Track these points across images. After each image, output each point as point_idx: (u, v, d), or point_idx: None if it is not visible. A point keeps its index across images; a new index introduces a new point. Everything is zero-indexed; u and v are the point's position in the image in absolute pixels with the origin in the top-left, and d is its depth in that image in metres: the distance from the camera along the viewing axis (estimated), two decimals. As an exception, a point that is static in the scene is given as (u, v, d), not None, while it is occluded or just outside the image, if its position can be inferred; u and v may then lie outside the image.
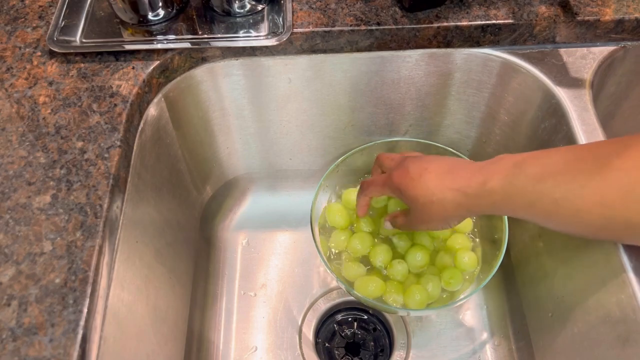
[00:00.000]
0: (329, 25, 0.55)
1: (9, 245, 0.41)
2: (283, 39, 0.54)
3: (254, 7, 0.56)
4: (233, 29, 0.55)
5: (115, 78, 0.51)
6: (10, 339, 0.37)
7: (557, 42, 0.58)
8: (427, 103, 0.64)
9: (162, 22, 0.55)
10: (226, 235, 0.74)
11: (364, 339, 0.67)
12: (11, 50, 0.53)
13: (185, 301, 0.64)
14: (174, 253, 0.61)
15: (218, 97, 0.61)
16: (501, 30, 0.56)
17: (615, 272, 0.45)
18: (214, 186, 0.74)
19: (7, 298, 0.38)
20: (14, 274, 0.39)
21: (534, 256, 0.63)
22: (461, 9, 0.56)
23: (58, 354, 0.36)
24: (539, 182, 0.41)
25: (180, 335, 0.61)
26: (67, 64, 0.52)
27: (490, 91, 0.62)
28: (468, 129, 0.67)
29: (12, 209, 0.43)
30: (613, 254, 0.45)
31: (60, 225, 0.42)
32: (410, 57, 0.58)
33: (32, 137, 0.47)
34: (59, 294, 0.38)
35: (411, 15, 0.56)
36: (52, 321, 0.37)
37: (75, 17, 0.55)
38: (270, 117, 0.65)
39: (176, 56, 0.54)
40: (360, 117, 0.66)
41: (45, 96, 0.50)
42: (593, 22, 0.56)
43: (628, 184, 0.37)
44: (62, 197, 0.43)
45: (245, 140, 0.69)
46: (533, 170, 0.42)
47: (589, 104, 0.54)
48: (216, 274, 0.71)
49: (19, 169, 0.45)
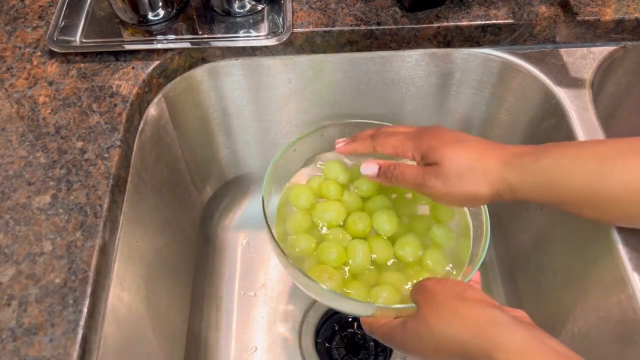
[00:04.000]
0: (329, 25, 0.55)
1: (9, 245, 0.41)
2: (283, 39, 0.54)
3: (254, 7, 0.56)
4: (233, 29, 0.55)
5: (115, 78, 0.51)
6: (10, 339, 0.37)
7: (557, 42, 0.58)
8: (428, 103, 0.64)
9: (162, 22, 0.55)
10: (226, 235, 0.74)
11: (364, 339, 0.67)
12: (11, 50, 0.53)
13: (185, 301, 0.64)
14: (174, 253, 0.61)
15: (218, 97, 0.61)
16: (501, 30, 0.56)
17: (615, 272, 0.45)
18: (214, 186, 0.74)
19: (7, 298, 0.38)
20: (14, 274, 0.39)
21: (534, 256, 0.63)
22: (461, 9, 0.56)
23: (58, 354, 0.36)
24: (607, 161, 0.36)
25: (180, 335, 0.61)
26: (67, 64, 0.52)
27: (490, 91, 0.62)
28: (468, 129, 0.67)
29: (12, 209, 0.42)
30: (614, 254, 0.45)
31: (60, 225, 0.42)
32: (411, 57, 0.58)
33: (32, 137, 0.47)
34: (59, 294, 0.38)
35: (411, 15, 0.55)
36: (52, 321, 0.37)
37: (75, 17, 0.55)
38: (270, 117, 0.65)
39: (176, 56, 0.54)
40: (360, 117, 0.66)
41: (45, 96, 0.50)
42: (593, 22, 0.56)
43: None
44: (62, 197, 0.43)
45: (245, 140, 0.69)
46: (599, 149, 0.37)
47: (589, 103, 0.54)
48: (216, 274, 0.71)
49: (19, 169, 0.45)
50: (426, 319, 0.37)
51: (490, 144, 0.42)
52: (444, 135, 0.43)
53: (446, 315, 0.36)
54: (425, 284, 0.40)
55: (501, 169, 0.40)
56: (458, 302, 0.37)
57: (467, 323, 0.35)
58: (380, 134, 0.47)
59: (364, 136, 0.49)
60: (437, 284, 0.39)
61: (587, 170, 0.37)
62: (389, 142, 0.46)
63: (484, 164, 0.40)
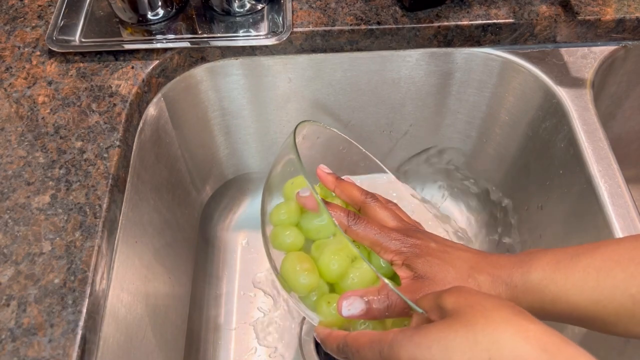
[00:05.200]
0: (329, 25, 0.55)
1: (8, 245, 0.41)
2: (283, 39, 0.54)
3: (253, 7, 0.56)
4: (233, 29, 0.55)
5: (114, 78, 0.51)
6: (9, 339, 0.36)
7: (557, 42, 0.57)
8: (428, 103, 0.64)
9: (162, 22, 0.55)
10: (226, 236, 0.74)
11: (364, 339, 0.67)
12: (10, 49, 0.53)
13: (185, 301, 0.64)
14: (174, 253, 0.61)
15: (218, 97, 0.61)
16: (502, 29, 0.56)
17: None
18: (213, 186, 0.74)
19: (6, 298, 0.38)
20: (13, 274, 0.39)
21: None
22: (462, 9, 0.56)
23: (57, 355, 0.36)
24: (607, 274, 0.33)
25: (180, 335, 0.61)
26: (66, 64, 0.52)
27: (490, 91, 0.62)
28: (469, 129, 0.67)
29: (11, 209, 0.42)
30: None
31: (59, 225, 0.42)
32: (411, 57, 0.58)
33: (31, 137, 0.47)
34: (58, 294, 0.38)
35: (411, 14, 0.55)
36: (51, 322, 0.37)
37: (75, 16, 0.55)
38: (270, 117, 0.65)
39: (176, 56, 0.54)
40: (360, 116, 0.66)
41: (45, 96, 0.50)
42: (594, 22, 0.56)
43: None
44: (61, 197, 0.43)
45: (245, 140, 0.69)
46: (594, 260, 0.34)
47: (590, 103, 0.54)
48: (216, 274, 0.71)
49: (18, 168, 0.45)
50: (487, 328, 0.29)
51: (479, 257, 0.38)
52: (428, 246, 0.39)
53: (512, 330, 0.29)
54: (468, 289, 0.33)
55: (493, 284, 0.37)
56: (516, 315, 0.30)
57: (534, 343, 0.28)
58: (360, 222, 0.41)
59: (349, 195, 0.44)
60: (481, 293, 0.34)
61: (587, 286, 0.34)
62: (367, 235, 0.40)
63: (477, 279, 0.37)
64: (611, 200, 0.48)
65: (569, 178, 0.54)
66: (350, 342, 0.36)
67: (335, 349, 0.38)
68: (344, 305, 0.38)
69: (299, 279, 0.40)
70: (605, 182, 0.49)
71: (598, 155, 0.50)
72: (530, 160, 0.62)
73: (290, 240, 0.43)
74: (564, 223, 0.56)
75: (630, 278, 0.33)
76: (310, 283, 0.40)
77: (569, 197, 0.54)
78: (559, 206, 0.57)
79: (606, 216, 0.47)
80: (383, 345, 0.32)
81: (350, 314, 0.37)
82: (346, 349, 0.36)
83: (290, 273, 0.41)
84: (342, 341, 0.36)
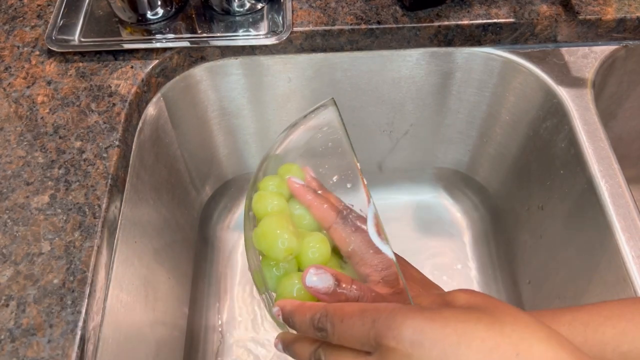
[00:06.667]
0: (329, 24, 0.55)
1: (7, 245, 0.40)
2: (283, 38, 0.54)
3: (253, 6, 0.56)
4: (232, 28, 0.55)
5: (113, 77, 0.51)
6: (8, 339, 0.36)
7: (558, 41, 0.57)
8: (428, 102, 0.64)
9: (161, 21, 0.55)
10: (225, 236, 0.74)
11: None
12: (9, 49, 0.53)
13: (185, 301, 0.64)
14: (173, 253, 0.61)
15: (217, 97, 0.61)
16: (502, 29, 0.56)
17: (617, 273, 0.45)
18: (213, 186, 0.74)
19: (6, 299, 0.38)
20: (12, 274, 0.39)
21: (535, 257, 0.62)
22: (462, 8, 0.56)
23: (56, 355, 0.36)
24: (594, 329, 0.31)
25: (180, 336, 0.61)
26: (65, 63, 0.52)
27: (491, 90, 0.61)
28: (469, 129, 0.67)
29: (11, 209, 0.42)
30: (615, 254, 0.45)
31: (58, 225, 0.41)
32: (411, 56, 0.58)
33: (30, 137, 0.46)
34: (58, 294, 0.38)
35: (412, 14, 0.55)
36: (50, 322, 0.37)
37: (74, 16, 0.55)
38: (270, 116, 0.65)
39: (175, 55, 0.54)
40: (360, 116, 0.66)
41: (44, 95, 0.49)
42: (594, 21, 0.55)
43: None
44: (61, 197, 0.43)
45: (245, 140, 0.69)
46: (580, 315, 0.32)
47: (591, 103, 0.53)
48: (215, 274, 0.71)
49: (17, 168, 0.44)
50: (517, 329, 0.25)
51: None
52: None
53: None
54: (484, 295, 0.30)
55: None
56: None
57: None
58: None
59: (320, 217, 0.37)
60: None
61: (574, 341, 0.31)
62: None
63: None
64: (612, 200, 0.48)
65: (569, 178, 0.54)
66: (333, 311, 0.30)
67: (307, 321, 0.31)
68: (311, 272, 0.32)
69: (278, 242, 0.35)
70: (606, 182, 0.49)
71: (599, 155, 0.50)
72: (530, 160, 0.62)
73: (272, 206, 0.38)
74: (565, 223, 0.56)
75: (621, 335, 0.31)
76: (289, 247, 0.35)
77: (570, 197, 0.54)
78: (560, 206, 0.56)
79: (607, 216, 0.47)
80: (380, 314, 0.27)
81: (314, 285, 0.32)
82: (324, 319, 0.30)
83: (270, 235, 0.36)
84: (322, 310, 0.30)
